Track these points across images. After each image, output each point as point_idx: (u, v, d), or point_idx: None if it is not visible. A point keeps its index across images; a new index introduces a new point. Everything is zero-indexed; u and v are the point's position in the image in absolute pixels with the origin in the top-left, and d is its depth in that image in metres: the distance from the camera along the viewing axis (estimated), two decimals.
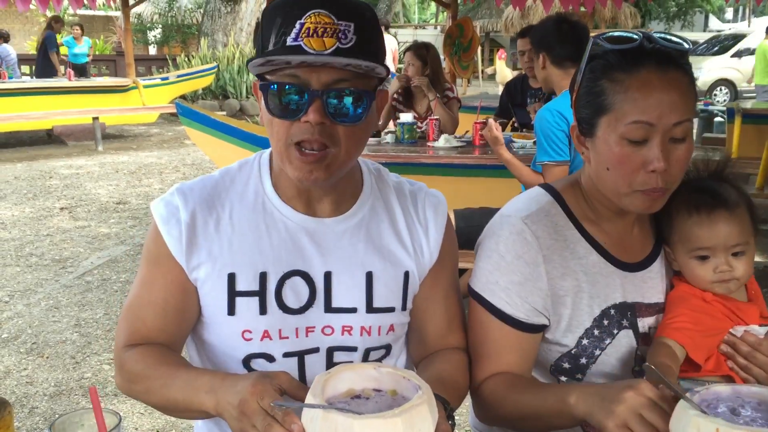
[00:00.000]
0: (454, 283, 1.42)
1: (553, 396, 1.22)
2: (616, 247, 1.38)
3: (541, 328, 1.35)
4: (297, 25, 1.11)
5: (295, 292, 1.26)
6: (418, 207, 1.37)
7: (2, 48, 12.53)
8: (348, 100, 1.15)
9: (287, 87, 1.13)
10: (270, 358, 1.26)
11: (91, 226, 6.26)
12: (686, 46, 1.26)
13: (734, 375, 1.32)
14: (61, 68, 12.83)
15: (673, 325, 1.31)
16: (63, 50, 13.42)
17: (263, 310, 1.24)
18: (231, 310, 1.24)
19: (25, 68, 14.83)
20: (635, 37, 1.25)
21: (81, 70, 12.94)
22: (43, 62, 12.72)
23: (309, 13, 1.11)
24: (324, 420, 0.96)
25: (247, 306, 1.24)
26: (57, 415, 3.08)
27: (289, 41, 1.11)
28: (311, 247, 1.27)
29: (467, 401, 1.42)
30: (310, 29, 1.10)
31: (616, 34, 1.27)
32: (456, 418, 1.19)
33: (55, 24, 12.97)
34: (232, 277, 1.24)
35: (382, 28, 1.24)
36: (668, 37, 1.26)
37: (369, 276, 1.29)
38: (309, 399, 1.00)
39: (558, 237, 1.35)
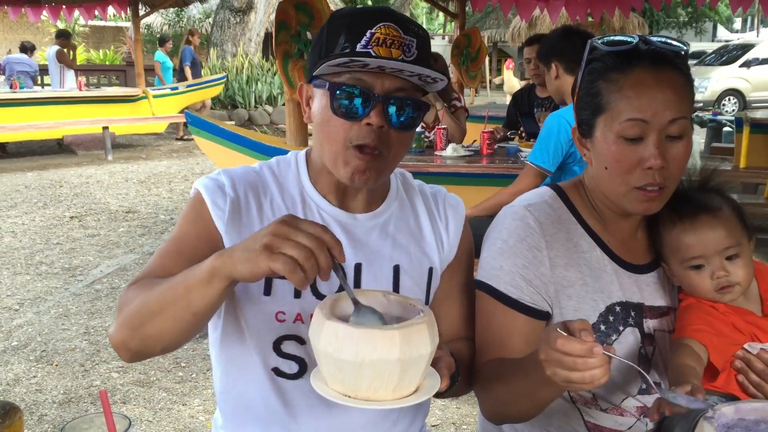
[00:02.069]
0: (470, 282, 1.47)
1: (529, 369, 1.17)
2: (621, 248, 1.39)
3: (545, 316, 1.35)
4: (367, 34, 1.18)
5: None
6: (439, 206, 1.45)
7: None
8: (406, 108, 1.22)
9: (355, 89, 1.19)
10: (300, 341, 1.29)
11: (101, 234, 6.29)
12: (684, 47, 1.28)
13: (740, 393, 1.31)
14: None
15: (693, 326, 1.30)
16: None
17: (298, 294, 1.28)
18: (267, 291, 1.28)
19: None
20: (631, 39, 1.27)
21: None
22: (180, 76, 12.86)
23: (379, 24, 1.18)
24: (327, 328, 1.01)
25: (282, 288, 1.28)
26: (66, 422, 3.09)
27: (359, 48, 1.17)
28: (344, 239, 1.32)
29: (475, 409, 1.42)
30: (380, 39, 1.18)
31: (615, 37, 1.30)
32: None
33: (191, 37, 13.02)
34: None
35: None
36: (667, 40, 1.28)
37: (396, 269, 1.35)
38: (317, 312, 1.05)
39: (561, 228, 1.37)
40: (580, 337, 1.02)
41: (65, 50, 11.85)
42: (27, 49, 12.45)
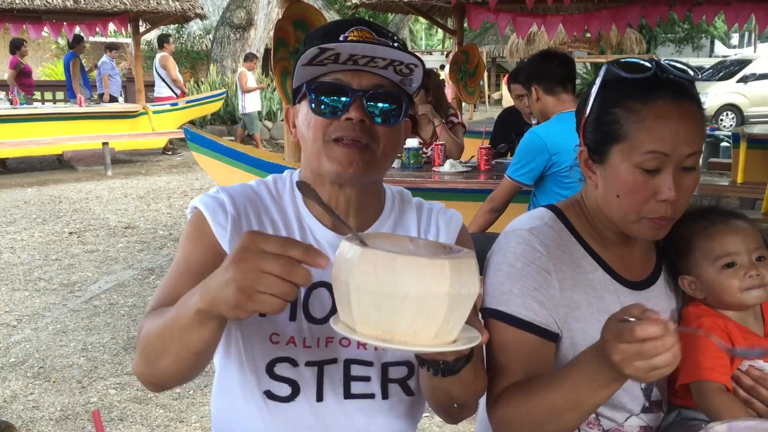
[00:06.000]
0: None
1: (582, 374, 1.15)
2: (620, 265, 1.40)
3: (556, 338, 1.33)
4: (341, 38, 1.19)
5: (320, 302, 1.30)
6: (431, 221, 1.41)
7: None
8: (385, 103, 1.22)
9: (332, 86, 1.20)
10: (294, 363, 1.28)
11: (100, 250, 6.29)
12: (692, 74, 1.28)
13: None
14: None
15: (717, 368, 1.32)
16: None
17: (293, 316, 1.28)
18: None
19: (36, 94, 14.94)
20: (648, 65, 1.26)
21: None
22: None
23: (352, 28, 1.21)
24: (364, 256, 0.87)
25: None
26: None
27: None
28: None
29: (472, 425, 1.42)
30: (353, 40, 1.18)
31: (630, 60, 1.29)
32: None
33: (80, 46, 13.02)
34: None
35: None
36: (676, 65, 1.28)
37: None
38: (345, 245, 0.92)
39: (565, 250, 1.36)
40: (649, 317, 1.00)
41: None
42: (110, 49, 12.35)
